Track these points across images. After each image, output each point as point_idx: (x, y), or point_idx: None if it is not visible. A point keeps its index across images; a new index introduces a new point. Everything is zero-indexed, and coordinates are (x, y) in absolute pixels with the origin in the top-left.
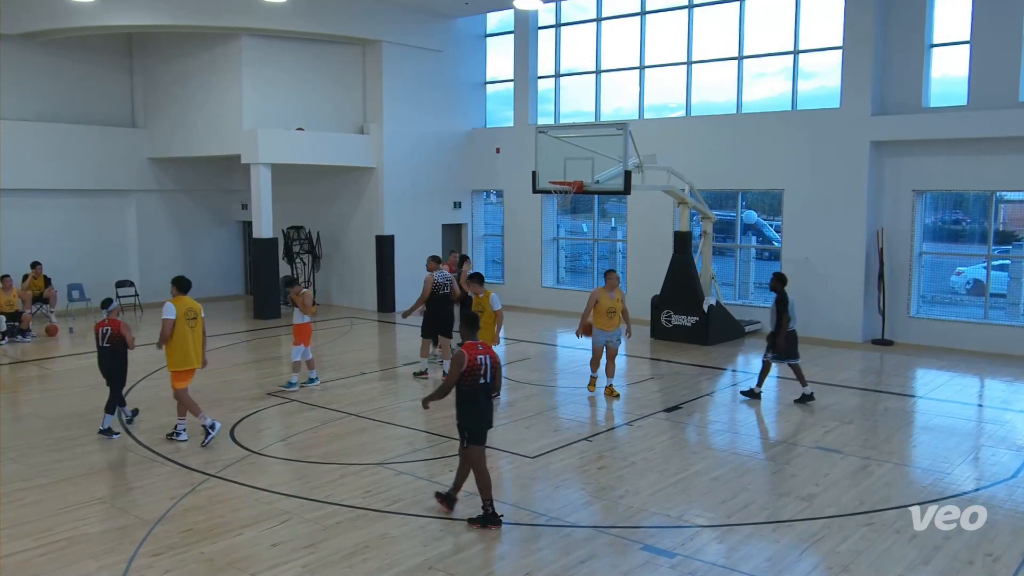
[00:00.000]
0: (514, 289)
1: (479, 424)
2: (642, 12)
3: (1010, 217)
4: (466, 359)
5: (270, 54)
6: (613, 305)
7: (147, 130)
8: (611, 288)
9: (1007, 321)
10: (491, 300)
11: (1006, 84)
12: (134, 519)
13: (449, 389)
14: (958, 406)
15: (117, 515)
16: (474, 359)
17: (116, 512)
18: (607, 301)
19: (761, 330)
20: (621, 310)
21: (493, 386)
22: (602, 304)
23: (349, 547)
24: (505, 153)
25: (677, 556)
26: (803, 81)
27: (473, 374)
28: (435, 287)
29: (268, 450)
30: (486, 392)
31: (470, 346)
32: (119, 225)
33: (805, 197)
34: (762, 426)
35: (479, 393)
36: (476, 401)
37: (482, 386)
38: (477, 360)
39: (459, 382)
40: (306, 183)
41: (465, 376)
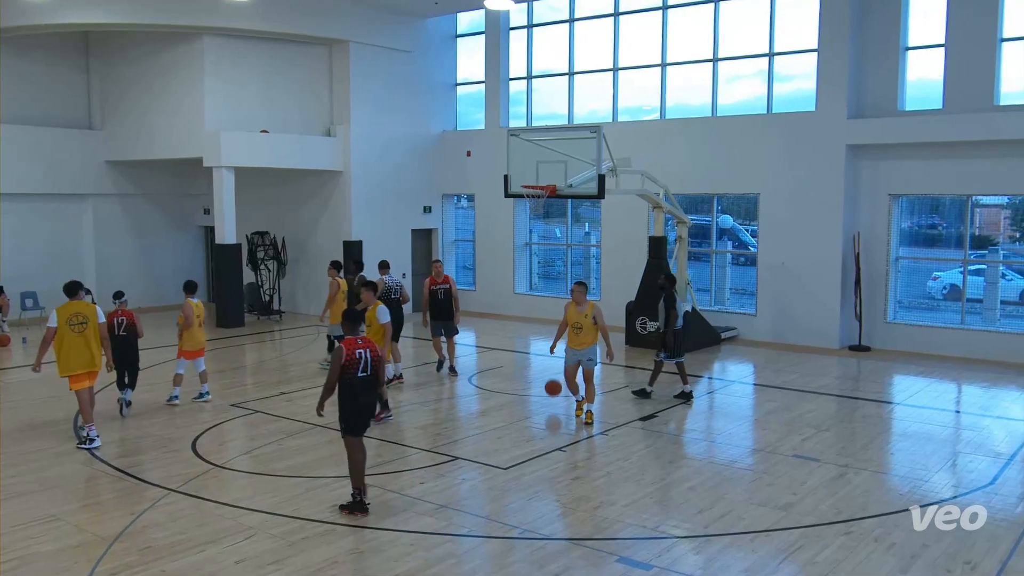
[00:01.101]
0: (486, 296)
1: (355, 415)
2: (615, 13)
3: (986, 221)
4: (344, 353)
5: (233, 54)
6: (579, 320)
7: (105, 132)
8: (578, 302)
9: (984, 326)
10: (378, 313)
11: (981, 87)
12: (91, 536)
13: (333, 384)
14: (935, 412)
15: (73, 533)
16: (352, 353)
17: (72, 529)
18: (574, 315)
19: (738, 337)
20: (591, 326)
21: (376, 380)
22: (569, 318)
23: (317, 563)
24: (476, 156)
25: (653, 568)
26: (779, 84)
27: (352, 367)
28: (384, 292)
29: (232, 463)
30: (365, 385)
31: (350, 341)
32: (75, 231)
33: (781, 201)
34: (739, 434)
35: (358, 386)
36: (354, 394)
37: (361, 379)
38: (356, 354)
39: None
40: (271, 187)
41: (345, 369)
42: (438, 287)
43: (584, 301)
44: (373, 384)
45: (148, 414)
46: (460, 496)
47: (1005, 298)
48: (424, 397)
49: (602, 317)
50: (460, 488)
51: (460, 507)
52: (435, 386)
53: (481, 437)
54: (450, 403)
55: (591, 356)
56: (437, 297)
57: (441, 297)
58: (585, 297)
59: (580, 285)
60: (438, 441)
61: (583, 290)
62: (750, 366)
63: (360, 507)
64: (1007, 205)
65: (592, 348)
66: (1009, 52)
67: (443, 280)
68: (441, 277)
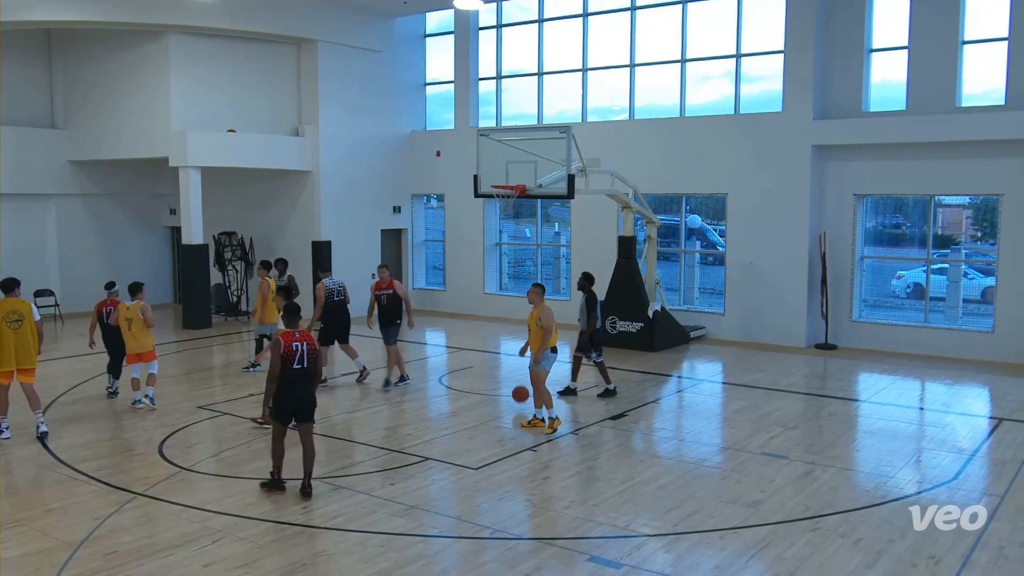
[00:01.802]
0: (456, 296)
1: (287, 404)
2: (584, 14)
3: (948, 221)
4: (282, 345)
5: (200, 53)
6: (529, 323)
7: (68, 131)
8: (531, 302)
9: (946, 324)
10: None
11: (943, 89)
12: (55, 542)
13: (275, 375)
14: (900, 409)
15: (36, 538)
16: (289, 345)
17: (35, 535)
18: (530, 318)
19: (706, 336)
20: (535, 328)
21: (315, 371)
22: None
23: (286, 566)
24: (446, 156)
25: (624, 567)
26: (746, 85)
27: (288, 359)
28: (327, 294)
29: (199, 466)
30: (301, 376)
31: (287, 334)
32: (37, 231)
33: (749, 201)
34: (708, 433)
35: (294, 376)
36: (290, 384)
37: (296, 371)
38: (292, 346)
39: None
40: (238, 187)
41: (282, 360)
42: (382, 292)
43: (539, 302)
44: (310, 376)
45: (113, 417)
46: (431, 497)
47: (967, 296)
48: (393, 398)
49: (549, 318)
50: (431, 489)
51: (431, 508)
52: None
53: (451, 437)
54: (420, 404)
55: (539, 362)
56: (381, 303)
57: (385, 303)
58: (540, 298)
59: (536, 286)
60: (408, 442)
61: (538, 291)
62: (719, 365)
63: (278, 484)
64: (969, 205)
65: (541, 353)
66: (970, 55)
67: (387, 285)
68: (386, 282)
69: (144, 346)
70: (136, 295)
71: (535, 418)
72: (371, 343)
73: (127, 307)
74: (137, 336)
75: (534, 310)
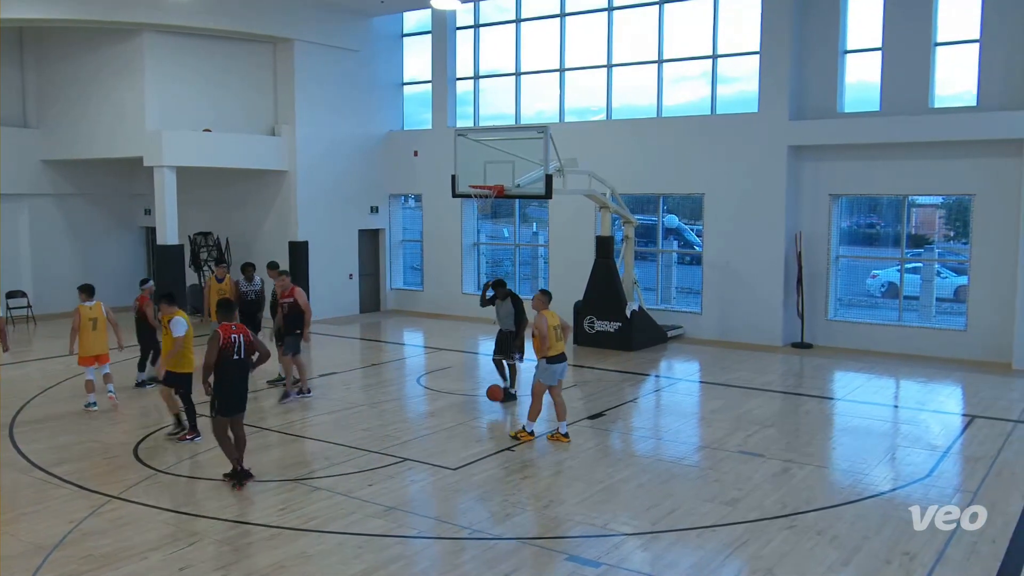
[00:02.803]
0: (434, 296)
1: (229, 397)
2: (562, 14)
3: (922, 221)
4: (221, 338)
5: (175, 51)
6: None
7: (41, 130)
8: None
9: (920, 323)
10: (171, 324)
11: (917, 90)
12: (27, 546)
13: (211, 365)
14: (875, 407)
15: (8, 542)
16: (228, 338)
17: (7, 539)
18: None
19: (684, 335)
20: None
21: (255, 363)
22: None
23: (263, 567)
24: (423, 156)
25: (603, 565)
26: (723, 86)
27: (227, 351)
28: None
29: (175, 468)
30: (239, 368)
31: (225, 327)
32: (10, 232)
33: (725, 201)
34: (686, 432)
35: (232, 368)
36: (229, 376)
37: (235, 362)
38: (231, 339)
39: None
40: (214, 187)
41: (220, 352)
42: (284, 301)
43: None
44: (246, 367)
45: (87, 420)
46: (409, 497)
47: (940, 295)
48: (372, 398)
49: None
50: (409, 489)
51: (409, 508)
52: (383, 388)
53: (430, 438)
54: (398, 404)
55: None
56: (283, 311)
57: (287, 311)
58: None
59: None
60: (387, 443)
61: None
62: (696, 364)
63: (245, 475)
64: (942, 205)
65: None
66: (943, 56)
67: (288, 294)
68: (287, 290)
69: (106, 347)
70: (92, 295)
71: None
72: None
73: (89, 308)
74: (100, 337)
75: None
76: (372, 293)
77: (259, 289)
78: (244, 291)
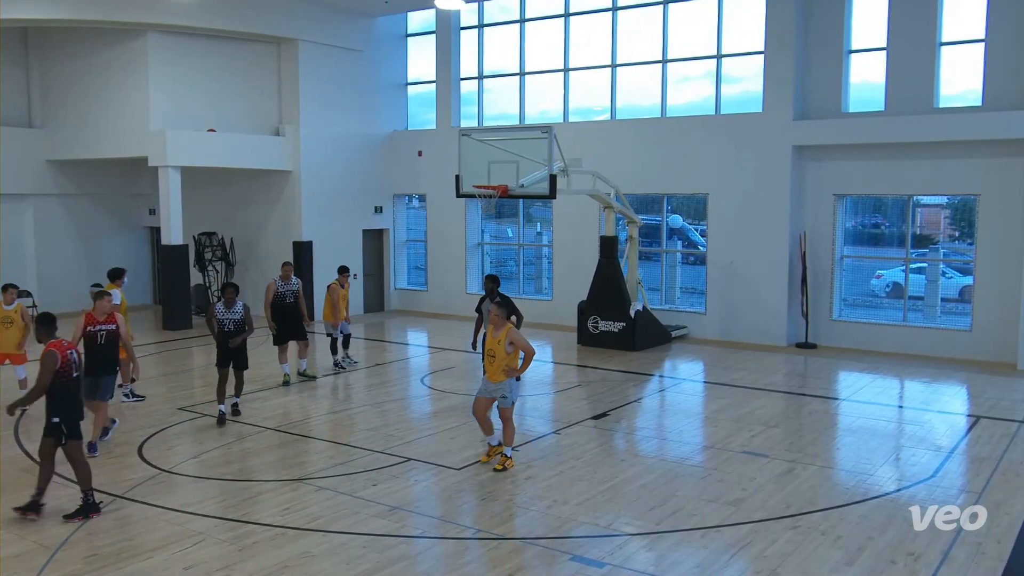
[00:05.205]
0: (437, 296)
1: (77, 417)
2: (566, 14)
3: (927, 221)
4: (59, 357)
5: (179, 52)
6: (492, 347)
7: (45, 131)
8: (494, 324)
9: (925, 323)
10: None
11: (922, 90)
12: (33, 545)
13: (44, 390)
14: (879, 408)
15: (14, 541)
16: (66, 356)
17: (12, 538)
18: (489, 341)
19: (688, 335)
20: (503, 355)
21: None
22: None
23: (267, 567)
24: (427, 156)
25: (607, 566)
26: (727, 86)
27: (67, 368)
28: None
29: (179, 468)
30: (78, 384)
31: (58, 344)
32: (15, 232)
33: (729, 201)
34: (690, 432)
35: (74, 387)
36: (73, 395)
37: (75, 379)
38: (68, 355)
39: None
40: (219, 187)
41: (60, 373)
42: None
43: (501, 324)
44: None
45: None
46: (413, 497)
47: (945, 295)
48: (376, 398)
49: (520, 339)
50: (413, 489)
51: (413, 508)
52: (387, 387)
53: (434, 438)
54: (402, 404)
55: (505, 392)
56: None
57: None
58: (503, 319)
59: (499, 306)
60: (390, 443)
61: (502, 312)
62: (700, 364)
63: (94, 508)
64: (947, 205)
65: (506, 383)
66: (948, 56)
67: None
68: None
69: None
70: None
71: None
72: None
73: (4, 309)
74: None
75: (501, 333)
76: (376, 293)
77: (296, 289)
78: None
